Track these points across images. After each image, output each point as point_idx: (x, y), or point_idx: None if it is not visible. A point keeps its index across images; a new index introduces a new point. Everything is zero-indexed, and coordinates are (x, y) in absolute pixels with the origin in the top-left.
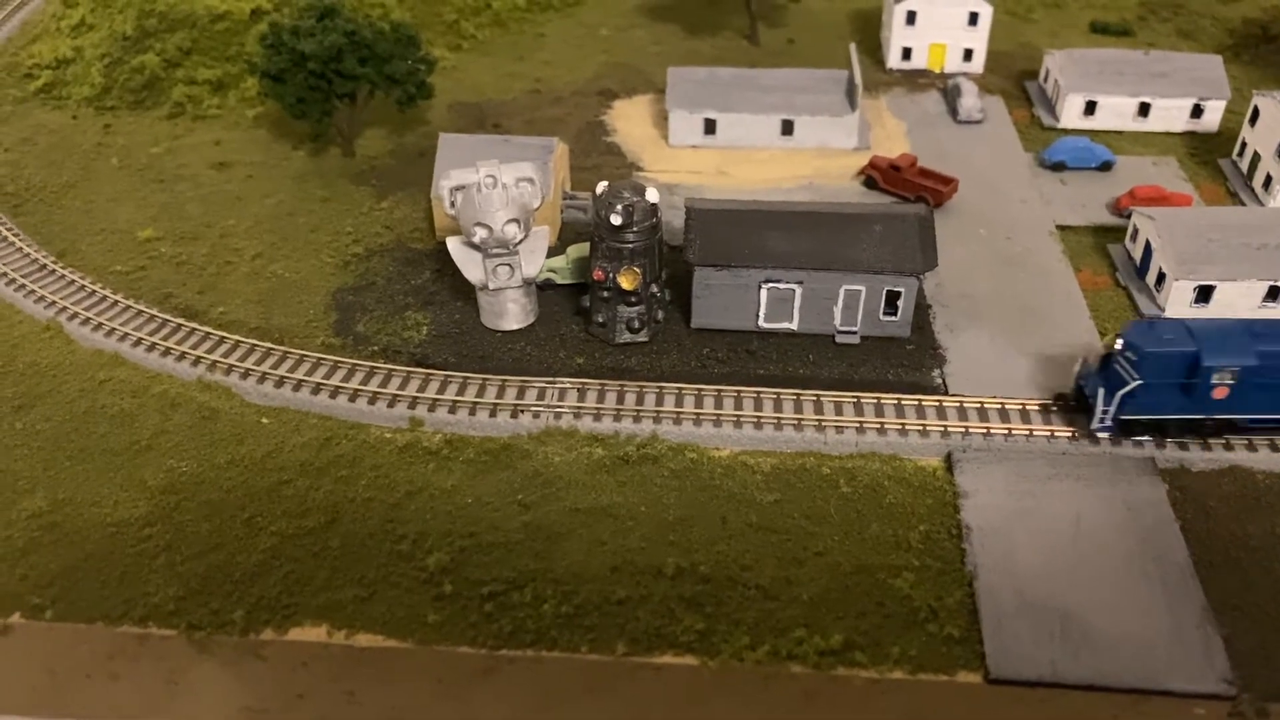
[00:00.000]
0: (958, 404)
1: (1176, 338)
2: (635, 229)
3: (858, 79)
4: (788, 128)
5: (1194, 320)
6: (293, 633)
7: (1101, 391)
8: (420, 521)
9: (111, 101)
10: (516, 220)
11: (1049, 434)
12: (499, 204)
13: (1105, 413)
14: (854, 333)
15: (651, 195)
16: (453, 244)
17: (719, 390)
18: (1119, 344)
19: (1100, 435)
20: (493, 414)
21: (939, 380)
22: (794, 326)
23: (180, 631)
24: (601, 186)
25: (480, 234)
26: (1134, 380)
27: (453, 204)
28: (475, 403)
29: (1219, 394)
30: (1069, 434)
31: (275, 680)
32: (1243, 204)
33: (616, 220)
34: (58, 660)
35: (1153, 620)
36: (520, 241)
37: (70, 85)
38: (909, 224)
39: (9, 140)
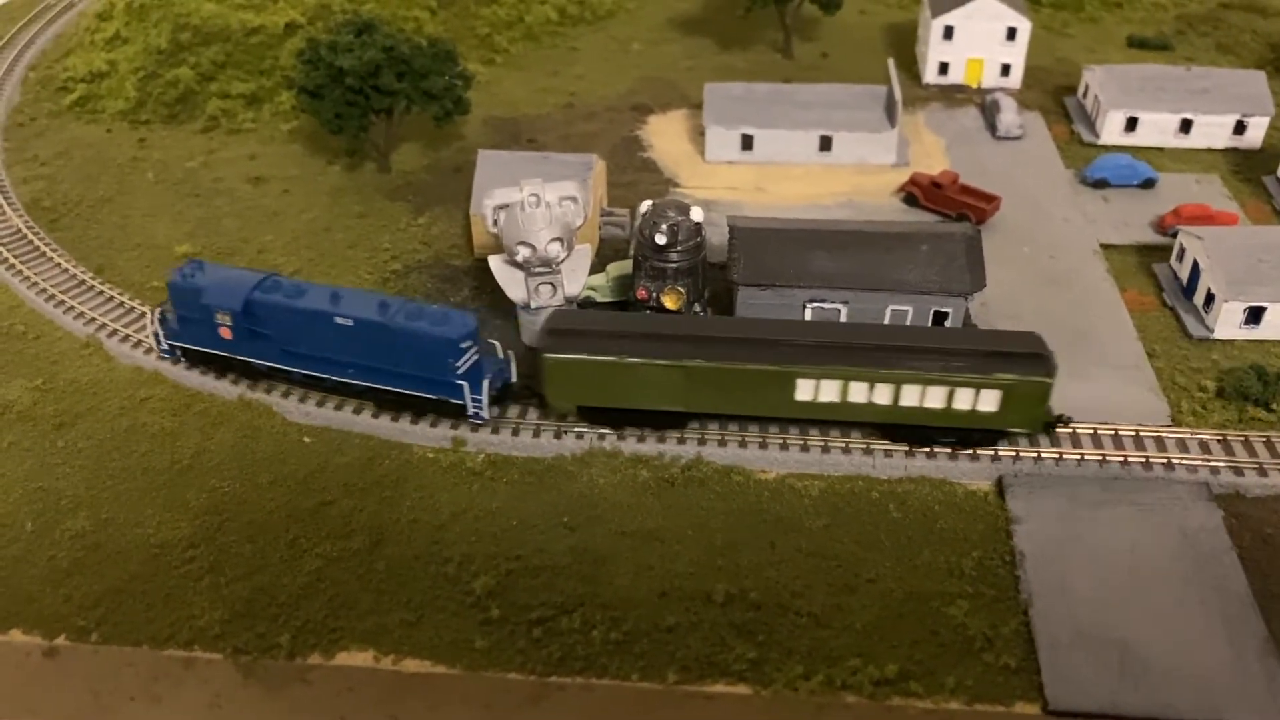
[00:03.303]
0: None
1: (197, 276)
2: (679, 248)
3: (897, 95)
4: (826, 144)
5: (237, 268)
6: (339, 657)
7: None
8: (466, 544)
9: (146, 115)
10: (560, 239)
11: (1100, 458)
12: (542, 223)
13: (157, 335)
14: None
15: (696, 214)
16: (495, 262)
17: None
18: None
19: (163, 356)
20: (536, 434)
21: None
22: None
23: (226, 655)
24: (645, 205)
25: (523, 253)
26: (168, 309)
27: (496, 222)
28: (518, 423)
29: (224, 334)
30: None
31: (320, 705)
32: None
33: (661, 240)
34: (102, 682)
35: (1213, 651)
36: (563, 260)
37: (104, 99)
38: (956, 244)
39: (45, 154)
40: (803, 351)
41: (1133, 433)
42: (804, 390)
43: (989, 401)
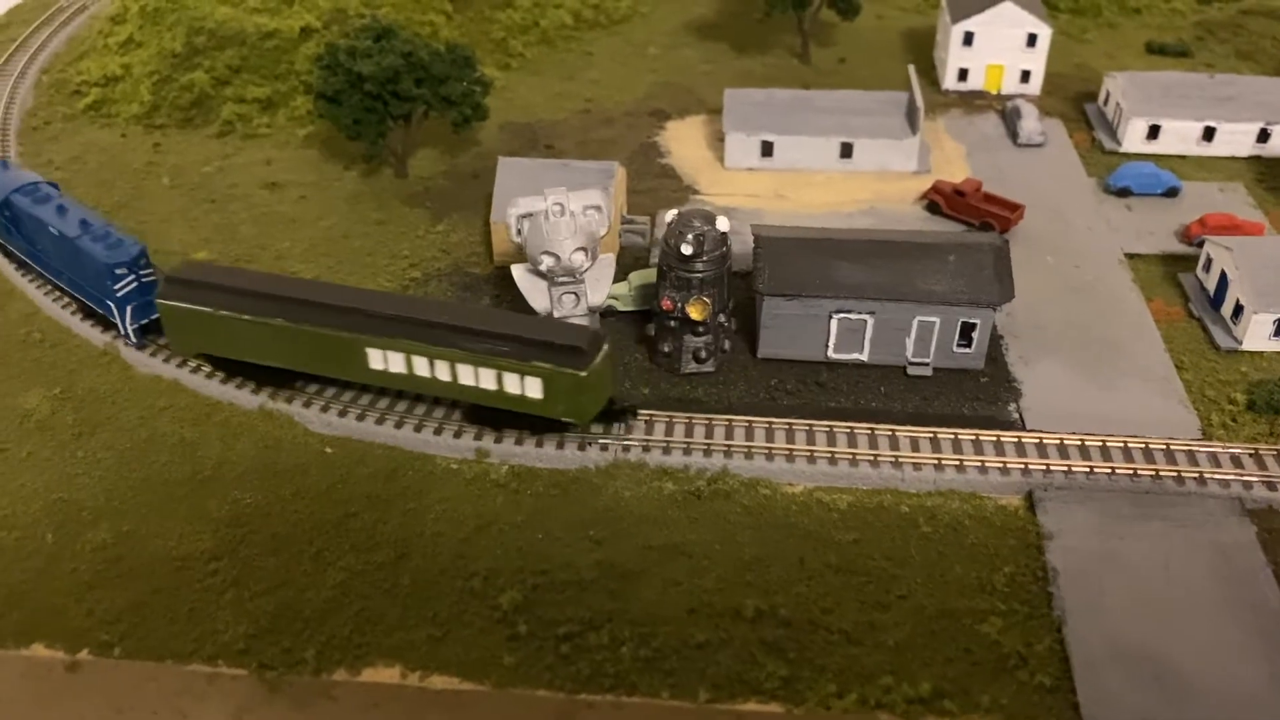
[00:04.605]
0: (1037, 440)
1: None
2: (705, 258)
3: (919, 101)
4: (847, 150)
5: (26, 172)
6: (365, 673)
7: None
8: (491, 557)
9: (160, 119)
10: (584, 248)
11: (1131, 472)
12: (566, 232)
13: None
14: (926, 364)
15: (722, 224)
16: (518, 272)
17: (790, 424)
18: None
19: None
20: (560, 445)
21: (1015, 415)
22: (864, 357)
23: (250, 671)
24: (671, 215)
25: (547, 262)
26: None
27: (519, 231)
28: (541, 434)
29: None
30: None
31: None
32: None
33: (687, 250)
34: (125, 698)
35: (1250, 670)
36: (587, 270)
37: (119, 103)
38: (984, 254)
39: (60, 159)
40: (373, 322)
41: (1163, 446)
42: (375, 360)
43: (534, 388)
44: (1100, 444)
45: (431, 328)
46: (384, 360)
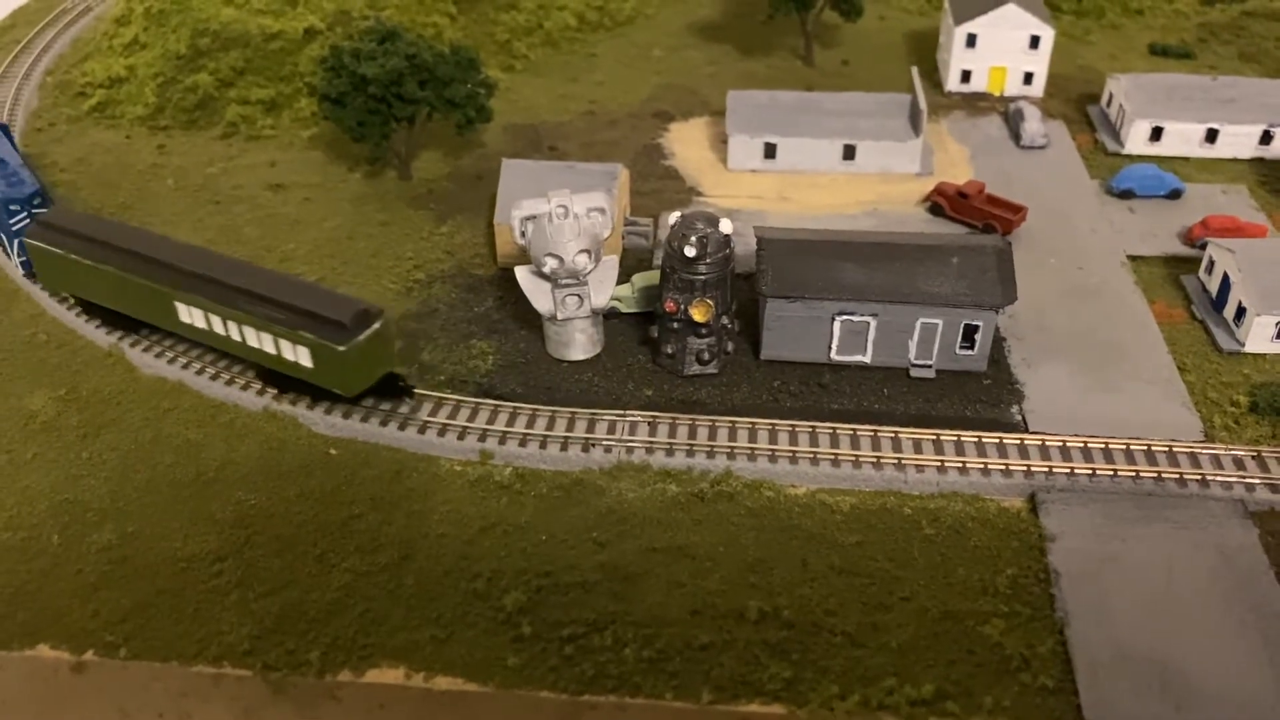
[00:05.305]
0: (1040, 442)
1: None
2: (708, 260)
3: (922, 104)
4: (850, 152)
5: None
6: (370, 674)
7: None
8: (495, 559)
9: (165, 121)
10: (587, 250)
11: (1134, 474)
12: (570, 235)
13: None
14: (929, 366)
15: (725, 226)
16: (521, 274)
17: (794, 426)
18: None
19: None
20: (563, 447)
21: (1018, 417)
22: (867, 359)
23: (255, 672)
24: (674, 217)
25: (551, 264)
26: None
27: (523, 234)
28: (545, 436)
29: None
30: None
31: None
32: None
33: (690, 252)
34: (130, 698)
35: (1254, 674)
36: (590, 272)
37: (123, 104)
38: (987, 256)
39: (65, 160)
40: (180, 277)
41: (1166, 448)
42: (184, 314)
43: (305, 356)
44: (1103, 446)
45: (224, 288)
46: (190, 315)
